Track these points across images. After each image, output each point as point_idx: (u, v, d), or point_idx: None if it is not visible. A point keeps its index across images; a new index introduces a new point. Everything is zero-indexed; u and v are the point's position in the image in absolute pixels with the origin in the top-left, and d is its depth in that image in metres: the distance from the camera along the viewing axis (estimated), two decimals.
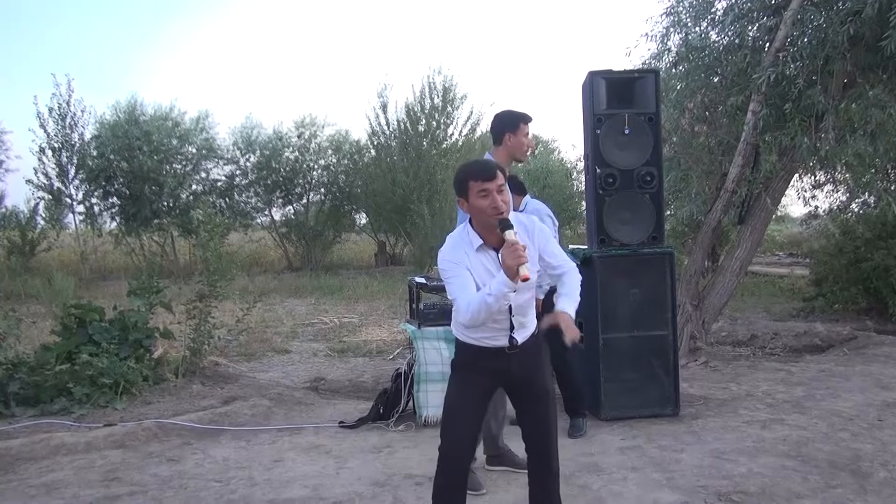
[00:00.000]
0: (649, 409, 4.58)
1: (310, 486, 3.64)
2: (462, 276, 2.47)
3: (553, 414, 2.65)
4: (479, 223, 2.52)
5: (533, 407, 2.64)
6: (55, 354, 5.35)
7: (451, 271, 2.49)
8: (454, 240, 2.57)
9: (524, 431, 2.67)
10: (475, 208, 2.47)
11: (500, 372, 2.61)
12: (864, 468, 3.59)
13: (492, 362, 2.59)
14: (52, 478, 3.82)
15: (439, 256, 2.55)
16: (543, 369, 2.68)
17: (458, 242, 2.54)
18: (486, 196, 2.43)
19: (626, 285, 4.61)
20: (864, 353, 6.33)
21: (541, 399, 2.63)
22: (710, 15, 6.59)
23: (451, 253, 2.52)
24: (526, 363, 2.61)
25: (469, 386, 2.59)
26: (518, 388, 2.67)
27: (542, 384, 2.64)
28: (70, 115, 15.66)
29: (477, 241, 2.51)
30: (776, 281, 12.04)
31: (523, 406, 2.67)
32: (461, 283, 2.46)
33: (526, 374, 2.62)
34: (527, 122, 3.68)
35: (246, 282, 11.88)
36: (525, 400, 2.66)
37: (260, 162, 18.10)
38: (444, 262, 2.51)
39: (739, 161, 6.06)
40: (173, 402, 5.26)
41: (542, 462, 2.65)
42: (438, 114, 17.52)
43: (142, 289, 5.91)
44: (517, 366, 2.60)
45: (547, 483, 2.67)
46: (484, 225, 2.49)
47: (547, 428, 2.63)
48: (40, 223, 16.84)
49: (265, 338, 7.96)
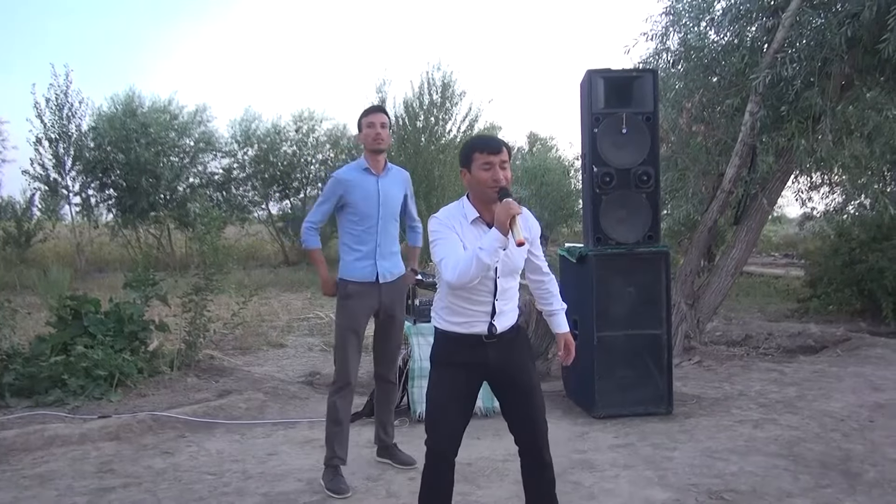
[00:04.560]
0: (643, 407, 4.60)
1: (304, 479, 3.65)
2: (451, 238, 2.46)
3: (539, 407, 2.60)
4: (477, 197, 2.53)
5: (517, 401, 2.61)
6: (50, 346, 5.35)
7: (440, 233, 2.48)
8: (449, 209, 2.58)
9: (510, 426, 2.63)
10: (476, 180, 2.48)
11: (477, 366, 2.56)
12: (855, 468, 3.61)
13: (469, 354, 2.55)
14: (46, 469, 3.83)
15: (430, 220, 2.53)
16: (525, 362, 2.64)
17: (453, 212, 2.56)
18: (488, 169, 2.46)
19: (622, 284, 4.63)
20: (857, 355, 6.36)
21: (525, 393, 2.59)
22: (709, 15, 6.61)
23: (444, 218, 2.52)
24: (505, 355, 2.57)
25: (450, 381, 2.55)
26: (499, 381, 2.63)
27: (525, 378, 2.60)
28: (67, 105, 15.56)
29: (472, 214, 2.52)
30: (771, 281, 12.08)
31: (507, 400, 2.63)
32: (450, 243, 2.45)
33: (506, 366, 2.58)
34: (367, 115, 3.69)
35: (242, 275, 11.86)
36: (509, 394, 2.62)
37: (258, 155, 18.07)
38: (435, 223, 2.50)
39: (736, 161, 6.09)
40: (168, 394, 5.27)
41: (533, 456, 2.61)
42: (437, 110, 17.50)
43: (138, 281, 5.92)
44: (495, 358, 2.55)
45: (542, 475, 2.63)
46: (482, 199, 2.50)
47: (534, 422, 2.59)
48: (36, 214, 16.82)
49: (261, 332, 7.97)
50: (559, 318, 2.77)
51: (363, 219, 3.59)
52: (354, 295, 3.61)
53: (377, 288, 3.63)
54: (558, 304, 2.76)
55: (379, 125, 3.63)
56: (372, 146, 3.64)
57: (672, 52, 6.81)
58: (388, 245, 3.67)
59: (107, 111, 16.98)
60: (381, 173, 3.66)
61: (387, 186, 3.65)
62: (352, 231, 3.63)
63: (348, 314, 3.62)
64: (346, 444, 3.61)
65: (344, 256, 3.67)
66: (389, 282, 3.67)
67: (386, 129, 3.66)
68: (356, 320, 3.63)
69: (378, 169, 3.65)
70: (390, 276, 3.68)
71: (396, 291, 3.73)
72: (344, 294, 3.63)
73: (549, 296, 2.75)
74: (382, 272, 3.63)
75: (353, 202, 3.59)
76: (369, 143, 3.64)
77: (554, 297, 2.75)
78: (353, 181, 3.61)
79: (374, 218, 3.59)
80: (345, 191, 3.60)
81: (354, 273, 3.61)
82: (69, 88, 15.50)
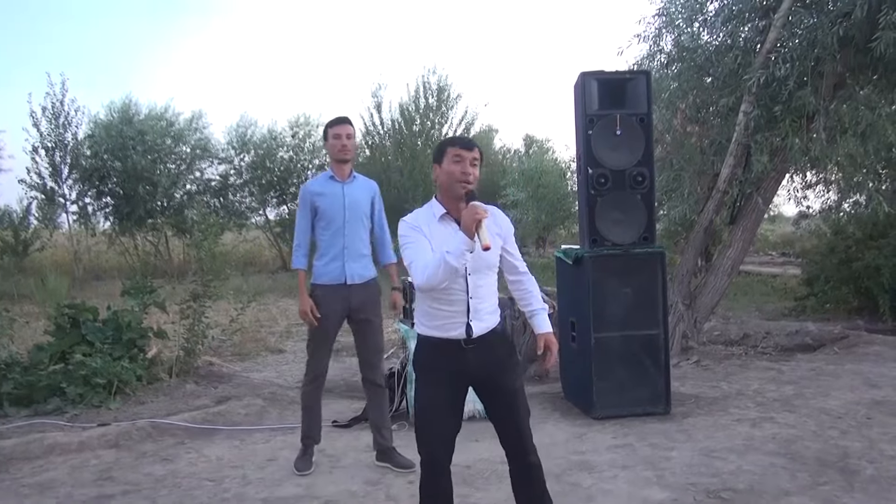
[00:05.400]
0: (640, 407, 4.61)
1: (303, 484, 3.66)
2: (419, 242, 2.50)
3: (522, 410, 2.60)
4: (446, 193, 2.56)
5: (501, 405, 2.60)
6: (49, 354, 5.35)
7: (409, 237, 2.51)
8: (418, 212, 2.61)
9: (496, 430, 2.63)
10: (446, 172, 2.53)
11: (459, 372, 2.56)
12: (852, 465, 3.63)
13: (450, 361, 2.55)
14: (46, 477, 3.83)
15: (400, 224, 2.55)
16: (508, 366, 2.63)
17: (422, 213, 2.59)
18: (459, 161, 2.51)
19: (618, 285, 4.64)
20: (854, 352, 6.38)
21: (509, 396, 2.59)
22: (702, 16, 6.64)
23: (411, 221, 2.55)
24: (486, 360, 2.56)
25: (434, 388, 2.55)
26: (482, 386, 2.63)
27: (507, 382, 2.59)
28: (63, 114, 15.62)
29: (440, 211, 2.55)
30: (768, 280, 12.10)
31: (492, 405, 2.63)
32: (418, 247, 2.49)
33: (487, 371, 2.57)
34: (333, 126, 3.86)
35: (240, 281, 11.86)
36: (492, 399, 2.62)
37: (254, 161, 18.10)
38: (404, 228, 2.53)
39: (731, 161, 6.11)
40: (167, 401, 5.27)
41: (519, 459, 2.61)
42: (433, 113, 17.56)
43: (135, 288, 5.92)
44: (476, 363, 2.54)
45: (529, 477, 2.62)
46: (450, 195, 2.54)
47: (517, 425, 2.58)
48: (33, 223, 16.80)
49: (259, 337, 7.97)
50: (540, 317, 2.74)
51: (330, 223, 3.78)
52: (321, 298, 3.78)
53: (346, 290, 3.79)
54: (538, 304, 2.74)
55: (344, 136, 3.83)
56: (337, 156, 3.84)
57: (665, 53, 6.83)
58: (357, 248, 3.83)
59: (103, 119, 17.01)
60: (347, 180, 3.85)
61: (352, 191, 3.84)
62: (321, 236, 3.83)
63: (318, 316, 3.79)
64: (317, 425, 3.94)
65: (315, 262, 3.86)
66: (358, 283, 3.81)
67: (351, 139, 3.86)
68: (326, 321, 3.80)
69: (343, 176, 3.85)
70: (359, 279, 3.82)
71: (367, 294, 3.86)
72: (313, 298, 3.81)
73: (528, 296, 2.74)
74: (351, 274, 3.79)
75: (322, 209, 3.79)
76: (335, 154, 3.85)
77: (533, 297, 2.74)
78: (319, 189, 3.83)
79: (340, 220, 3.78)
80: (313, 199, 3.80)
81: (323, 276, 3.80)
82: (65, 97, 15.56)
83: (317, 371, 3.89)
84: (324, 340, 3.85)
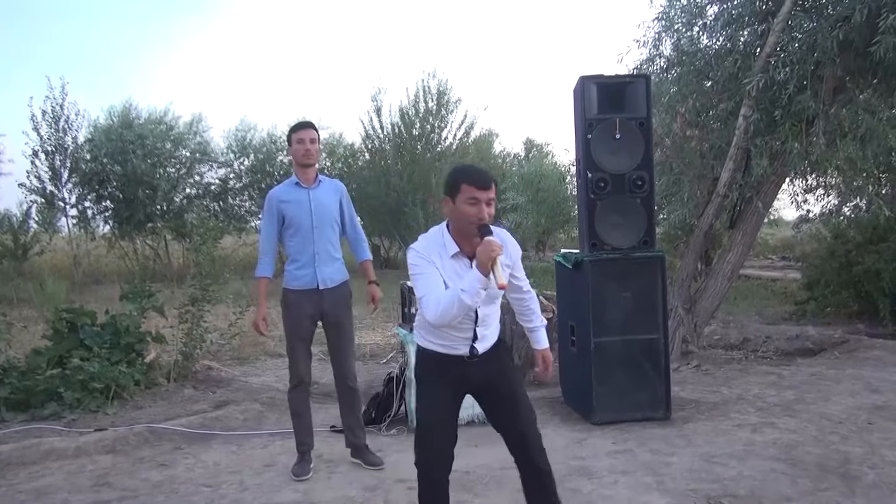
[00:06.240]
0: (640, 412, 4.59)
1: (301, 490, 3.64)
2: (431, 274, 2.43)
3: (527, 414, 2.57)
4: (458, 230, 2.47)
5: (503, 411, 2.59)
6: (46, 359, 5.33)
7: (420, 267, 2.44)
8: (428, 239, 2.52)
9: (503, 437, 2.61)
10: (459, 212, 2.43)
11: (460, 379, 2.57)
12: (853, 471, 3.60)
13: (451, 369, 2.56)
14: (43, 483, 3.81)
15: (409, 252, 2.49)
16: (507, 371, 2.64)
17: (433, 243, 2.50)
18: (474, 204, 2.39)
19: (618, 289, 4.62)
20: (854, 357, 6.36)
21: (510, 401, 2.57)
22: (701, 20, 6.63)
23: (423, 250, 2.46)
24: (486, 369, 2.57)
25: (436, 397, 2.55)
26: (483, 393, 2.63)
27: (507, 387, 2.59)
28: (63, 118, 15.60)
29: (453, 248, 2.47)
30: (768, 284, 12.07)
31: (494, 411, 2.62)
32: (430, 280, 2.42)
33: (488, 378, 2.58)
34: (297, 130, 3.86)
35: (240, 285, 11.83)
36: (494, 404, 2.61)
37: (254, 165, 18.08)
38: (415, 257, 2.46)
39: (731, 165, 6.10)
40: (165, 406, 5.25)
41: (526, 464, 2.58)
42: (433, 117, 17.56)
43: (134, 293, 5.90)
44: (477, 372, 2.57)
45: (538, 483, 2.59)
46: (462, 232, 2.45)
47: (521, 431, 2.56)
48: (33, 227, 16.79)
49: (258, 342, 7.92)
50: (538, 334, 2.79)
51: (298, 230, 3.79)
52: (293, 304, 3.82)
53: (318, 294, 3.81)
54: (538, 321, 2.79)
55: (308, 141, 3.84)
56: (301, 161, 3.84)
57: (665, 57, 6.83)
58: (328, 252, 3.84)
59: (103, 123, 17.01)
60: (312, 185, 3.85)
61: (318, 196, 3.84)
62: (290, 243, 3.84)
63: (291, 322, 3.84)
64: (309, 431, 3.95)
65: (286, 267, 3.88)
66: (330, 288, 3.84)
67: (315, 144, 3.87)
68: (300, 326, 3.83)
69: (308, 181, 3.86)
70: (331, 283, 3.85)
71: (339, 296, 3.88)
72: (285, 303, 3.86)
73: (529, 313, 2.78)
74: (323, 279, 3.82)
75: (289, 216, 3.80)
76: (299, 158, 3.86)
77: (534, 315, 2.78)
78: (284, 196, 3.83)
79: (308, 226, 3.79)
80: (280, 207, 3.80)
81: (294, 282, 3.82)
82: (65, 101, 15.55)
83: (299, 376, 3.90)
84: (300, 345, 3.87)
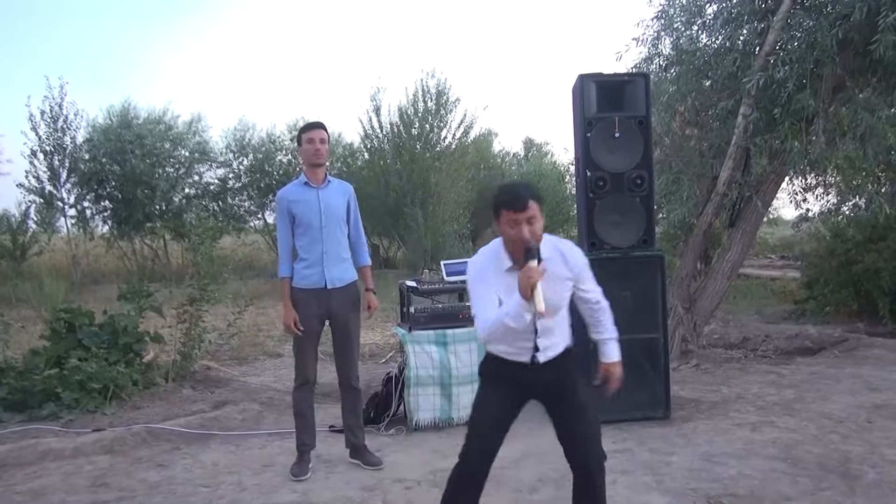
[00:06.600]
0: (640, 412, 4.57)
1: (299, 490, 3.63)
2: (484, 294, 2.48)
3: (588, 427, 2.56)
4: (510, 245, 2.52)
5: (564, 421, 2.58)
6: (44, 359, 5.32)
7: (474, 283, 2.52)
8: (486, 253, 2.57)
9: (562, 444, 2.60)
10: (503, 234, 2.50)
11: (524, 383, 2.59)
12: (854, 470, 3.60)
13: (514, 373, 2.58)
14: (40, 484, 3.79)
15: (468, 264, 2.58)
16: (572, 381, 2.62)
17: (490, 257, 2.55)
18: (514, 225, 2.43)
19: (617, 288, 4.58)
20: (854, 356, 6.35)
21: (572, 412, 2.57)
22: (700, 19, 6.61)
23: (479, 265, 2.54)
24: (551, 377, 2.58)
25: (494, 396, 2.58)
26: (547, 401, 2.63)
27: (572, 397, 2.58)
28: (62, 118, 15.57)
29: (507, 263, 2.51)
30: (768, 283, 12.06)
31: (556, 419, 2.61)
32: (482, 300, 2.48)
33: (553, 386, 2.59)
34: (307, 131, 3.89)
35: (238, 285, 11.84)
36: (557, 413, 2.61)
37: (253, 165, 18.05)
38: (472, 272, 2.55)
39: (730, 164, 6.08)
40: (163, 406, 5.24)
41: (580, 476, 2.56)
42: (432, 117, 17.51)
43: (132, 293, 5.89)
44: (539, 379, 2.58)
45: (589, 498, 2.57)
46: (515, 247, 2.49)
47: (579, 442, 2.54)
48: (32, 227, 16.75)
49: (257, 341, 7.93)
50: (610, 346, 2.75)
51: (307, 229, 3.81)
52: (301, 302, 3.82)
53: (326, 294, 3.82)
54: (608, 334, 2.75)
55: (318, 141, 3.86)
56: (311, 160, 3.87)
57: (664, 56, 6.81)
58: (336, 252, 3.85)
59: (102, 123, 16.98)
60: (321, 185, 3.87)
61: (327, 196, 3.86)
62: (300, 242, 3.85)
63: (299, 321, 3.82)
64: (311, 431, 3.96)
65: (295, 265, 3.88)
66: (338, 287, 3.85)
67: (325, 144, 3.90)
68: (308, 325, 3.83)
69: (317, 181, 3.88)
70: (339, 283, 3.86)
71: (346, 296, 3.89)
72: (292, 300, 3.84)
73: (598, 324, 2.75)
74: (330, 278, 3.83)
75: (298, 215, 3.82)
76: (309, 158, 3.88)
77: (603, 327, 2.74)
78: (294, 196, 3.85)
79: (317, 226, 3.80)
80: (289, 206, 3.83)
81: (302, 281, 3.83)
82: (64, 100, 15.52)
83: (305, 375, 3.91)
84: (307, 344, 3.87)
